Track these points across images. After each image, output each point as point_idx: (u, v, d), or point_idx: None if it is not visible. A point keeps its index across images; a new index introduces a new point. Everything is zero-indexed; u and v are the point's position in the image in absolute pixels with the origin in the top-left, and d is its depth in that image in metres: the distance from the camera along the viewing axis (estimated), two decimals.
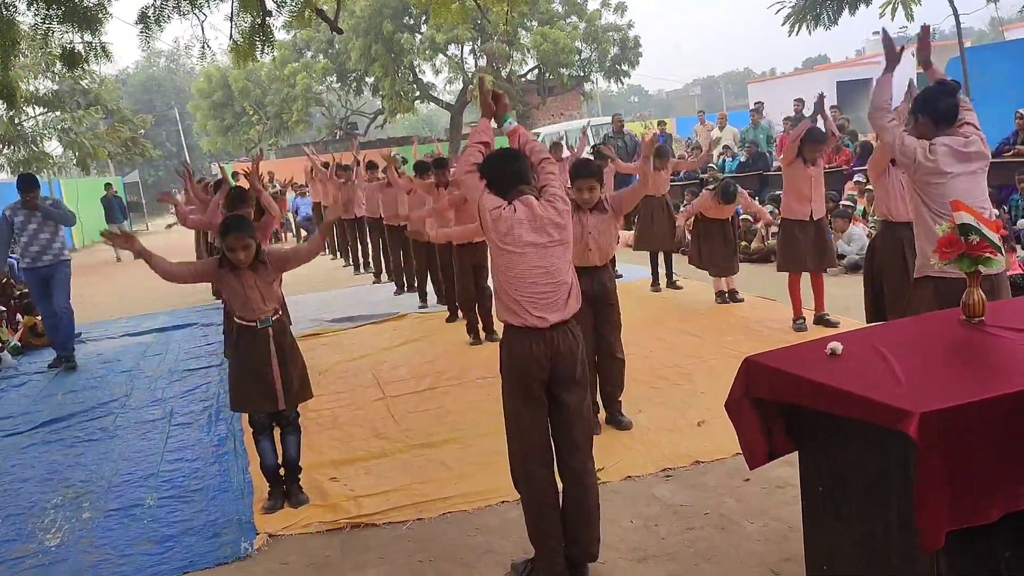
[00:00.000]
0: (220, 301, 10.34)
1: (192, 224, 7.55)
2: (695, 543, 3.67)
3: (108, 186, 21.28)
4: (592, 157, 8.05)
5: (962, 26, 13.47)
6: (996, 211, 7.57)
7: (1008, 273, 7.14)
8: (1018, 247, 8.01)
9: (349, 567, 3.81)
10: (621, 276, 8.74)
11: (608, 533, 3.78)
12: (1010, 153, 9.92)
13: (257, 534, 4.17)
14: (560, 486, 3.43)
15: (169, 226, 13.55)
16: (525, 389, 3.33)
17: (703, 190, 9.33)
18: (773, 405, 2.88)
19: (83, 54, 9.76)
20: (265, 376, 4.35)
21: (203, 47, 10.26)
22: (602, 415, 5.17)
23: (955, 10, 13.25)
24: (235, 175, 16.37)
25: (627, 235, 9.67)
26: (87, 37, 9.60)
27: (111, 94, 24.76)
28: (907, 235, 4.66)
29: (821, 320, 7.03)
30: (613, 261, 5.52)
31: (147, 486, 5.00)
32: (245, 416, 6.07)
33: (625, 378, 5.23)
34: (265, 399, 4.39)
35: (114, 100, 25.15)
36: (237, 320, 4.45)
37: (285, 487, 4.55)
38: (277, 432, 4.55)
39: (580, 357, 3.37)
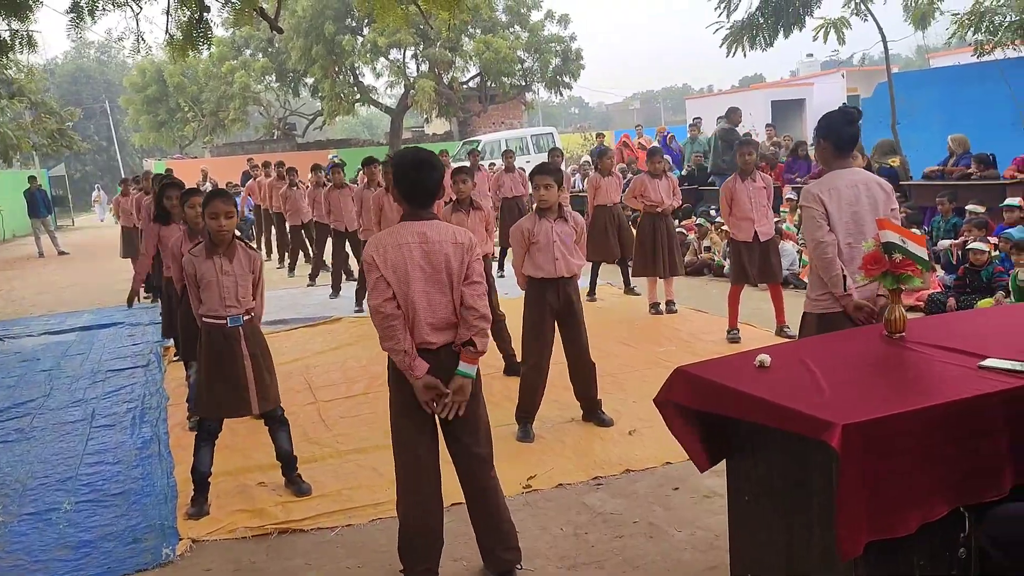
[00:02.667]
0: (152, 302, 10.10)
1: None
2: (624, 551, 3.70)
3: (32, 179, 20.54)
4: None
5: (890, 52, 13.93)
6: (918, 230, 7.86)
7: (928, 291, 7.44)
8: (937, 267, 8.30)
9: (276, 572, 3.75)
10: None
11: (538, 541, 3.80)
12: (956, 175, 10.27)
13: (180, 540, 4.06)
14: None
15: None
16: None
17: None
18: (703, 414, 2.92)
19: (9, 42, 9.43)
20: (237, 381, 4.24)
21: (137, 40, 9.99)
22: (538, 424, 5.19)
23: (884, 37, 13.69)
24: (168, 171, 16.05)
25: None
26: (15, 25, 9.29)
27: (37, 84, 23.93)
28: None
29: (781, 331, 7.11)
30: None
31: (64, 489, 4.83)
32: (171, 419, 5.96)
33: (557, 386, 5.27)
34: (237, 405, 4.29)
35: (40, 91, 24.32)
36: (205, 319, 4.29)
37: (287, 479, 4.52)
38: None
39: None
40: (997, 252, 7.56)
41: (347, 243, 10.41)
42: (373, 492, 4.47)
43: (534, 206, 5.14)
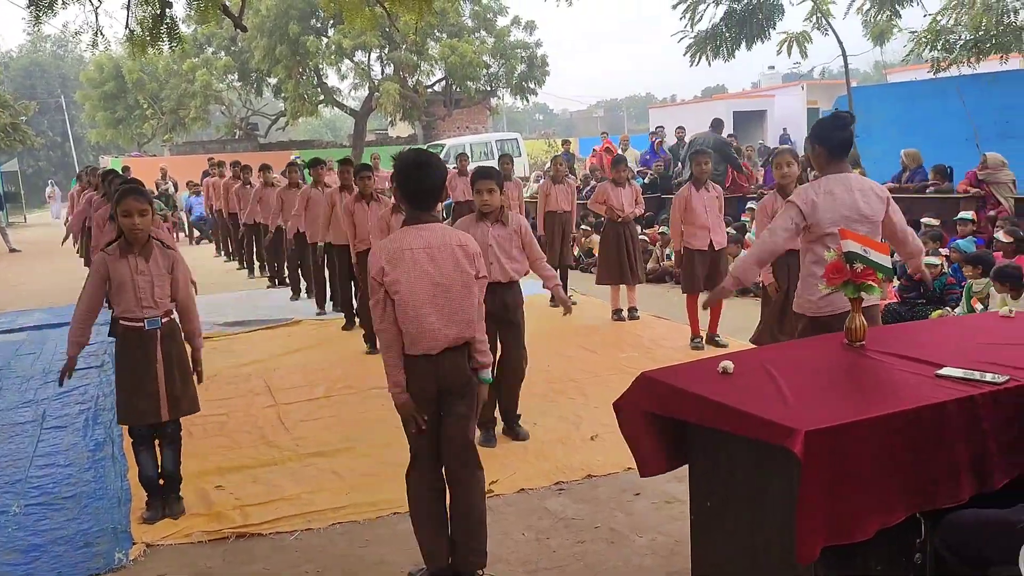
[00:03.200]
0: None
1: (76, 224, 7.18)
2: (585, 556, 3.71)
3: None
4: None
5: (849, 67, 14.21)
6: None
7: (885, 301, 7.57)
8: (896, 277, 8.46)
9: None
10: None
11: (500, 545, 3.79)
12: (914, 189, 10.45)
13: (133, 544, 3.98)
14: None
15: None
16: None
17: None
18: (666, 420, 2.94)
19: None
20: (149, 385, 4.11)
21: (96, 34, 9.73)
22: (499, 427, 5.18)
23: (844, 51, 13.97)
24: (125, 170, 15.79)
25: None
26: None
27: None
28: (795, 261, 4.86)
29: (711, 340, 7.26)
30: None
31: (13, 492, 4.70)
32: None
33: (521, 391, 5.26)
34: (148, 410, 4.14)
35: None
36: (122, 321, 4.15)
37: (164, 498, 4.33)
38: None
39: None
40: (949, 265, 7.72)
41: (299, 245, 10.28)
42: (334, 496, 4.42)
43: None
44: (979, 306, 6.87)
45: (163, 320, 4.17)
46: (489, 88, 32.00)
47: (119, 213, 4.05)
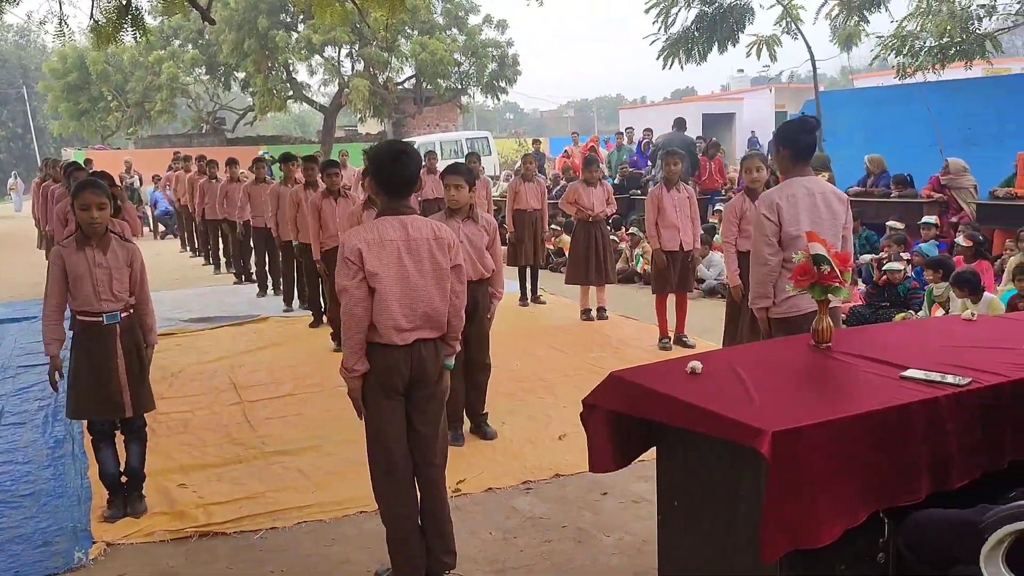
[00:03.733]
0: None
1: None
2: (552, 555, 3.71)
3: None
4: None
5: (816, 71, 14.39)
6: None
7: (850, 304, 7.67)
8: (859, 280, 8.57)
9: None
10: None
11: (467, 545, 3.78)
12: (876, 195, 10.59)
13: (93, 543, 3.91)
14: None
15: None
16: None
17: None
18: (630, 418, 2.94)
19: None
20: (109, 381, 4.03)
21: (60, 24, 9.51)
22: (467, 425, 5.17)
23: (812, 56, 14.13)
24: (88, 162, 15.51)
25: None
26: None
27: None
28: None
29: (679, 340, 7.30)
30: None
31: None
32: None
33: (490, 390, 5.25)
34: (108, 406, 4.07)
35: None
36: (79, 316, 4.06)
37: (127, 496, 4.26)
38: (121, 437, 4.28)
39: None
40: (912, 268, 7.83)
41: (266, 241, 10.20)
42: (299, 495, 4.38)
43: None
44: (940, 310, 6.98)
45: (122, 315, 4.09)
46: (460, 86, 31.93)
47: (77, 207, 3.98)
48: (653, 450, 3.01)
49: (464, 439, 5.08)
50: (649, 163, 14.69)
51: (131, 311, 4.17)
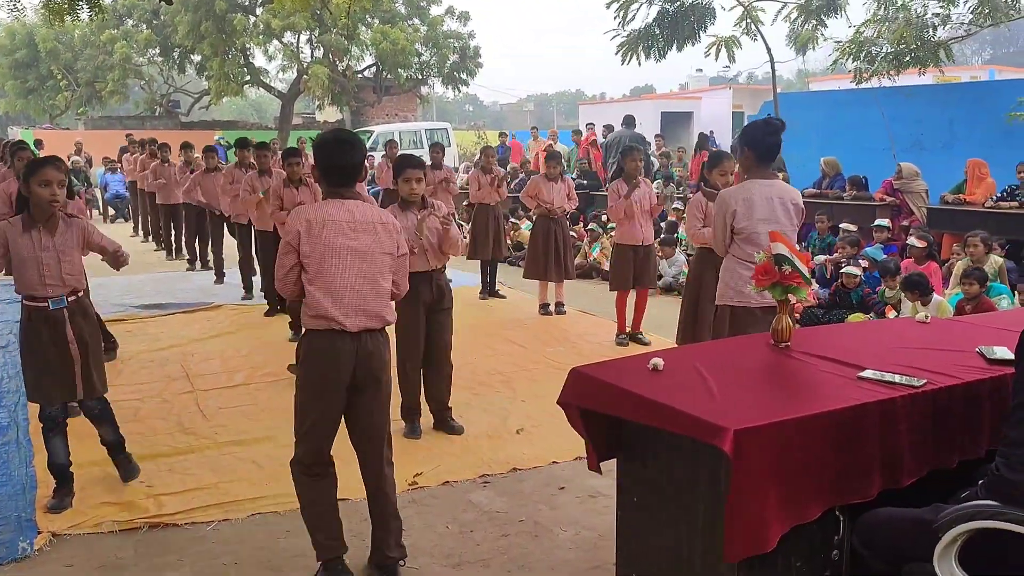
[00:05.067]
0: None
1: None
2: (509, 550, 3.70)
3: None
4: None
5: (775, 73, 14.59)
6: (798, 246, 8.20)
7: (805, 304, 7.79)
8: (814, 280, 8.71)
9: (144, 569, 3.56)
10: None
11: (423, 538, 3.76)
12: (831, 197, 10.75)
13: (39, 533, 3.81)
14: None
15: None
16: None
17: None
18: (597, 414, 2.95)
19: None
20: (61, 365, 3.94)
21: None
22: (428, 421, 5.13)
23: (772, 57, 14.31)
24: (38, 143, 15.11)
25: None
26: None
27: None
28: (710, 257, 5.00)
29: (634, 337, 7.33)
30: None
31: None
32: (31, 404, 5.57)
33: (449, 387, 5.21)
34: (62, 389, 3.99)
35: None
36: (25, 301, 3.94)
37: (115, 462, 4.32)
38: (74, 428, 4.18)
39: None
40: (863, 273, 7.96)
41: (223, 227, 10.05)
42: (253, 486, 4.31)
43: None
44: (892, 312, 7.13)
45: (69, 299, 3.98)
46: (420, 76, 31.74)
47: (36, 183, 3.83)
48: None
49: (421, 432, 5.05)
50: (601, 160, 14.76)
51: (79, 296, 4.06)
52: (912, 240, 7.83)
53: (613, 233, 8.32)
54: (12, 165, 7.19)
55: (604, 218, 11.04)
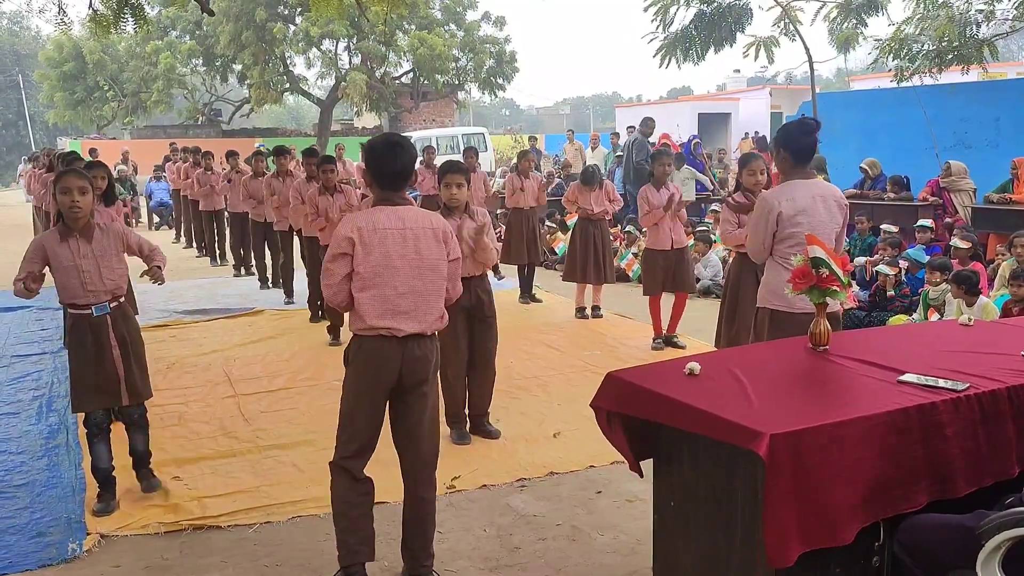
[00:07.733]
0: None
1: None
2: (546, 554, 3.71)
3: None
4: None
5: (814, 73, 14.40)
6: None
7: (845, 307, 7.69)
8: (854, 282, 8.59)
9: (188, 570, 3.63)
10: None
11: (461, 542, 3.78)
12: (872, 198, 10.59)
13: (88, 534, 3.91)
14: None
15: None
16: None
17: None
18: (633, 419, 2.95)
19: None
20: (105, 371, 4.03)
21: (59, 12, 9.45)
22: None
23: (810, 57, 14.12)
24: (93, 151, 15.46)
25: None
26: None
27: None
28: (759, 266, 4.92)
29: (669, 342, 7.29)
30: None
31: None
32: None
33: (490, 393, 5.25)
34: (107, 395, 4.08)
35: None
36: (69, 309, 4.03)
37: (137, 474, 4.34)
38: (116, 431, 4.27)
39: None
40: (904, 274, 7.83)
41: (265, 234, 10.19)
42: (293, 489, 4.38)
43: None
44: (936, 314, 7.00)
45: (112, 305, 4.07)
46: (457, 82, 31.86)
47: (58, 190, 3.92)
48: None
49: (470, 438, 5.07)
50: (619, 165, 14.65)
51: (120, 300, 4.15)
52: (956, 240, 7.69)
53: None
54: None
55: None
